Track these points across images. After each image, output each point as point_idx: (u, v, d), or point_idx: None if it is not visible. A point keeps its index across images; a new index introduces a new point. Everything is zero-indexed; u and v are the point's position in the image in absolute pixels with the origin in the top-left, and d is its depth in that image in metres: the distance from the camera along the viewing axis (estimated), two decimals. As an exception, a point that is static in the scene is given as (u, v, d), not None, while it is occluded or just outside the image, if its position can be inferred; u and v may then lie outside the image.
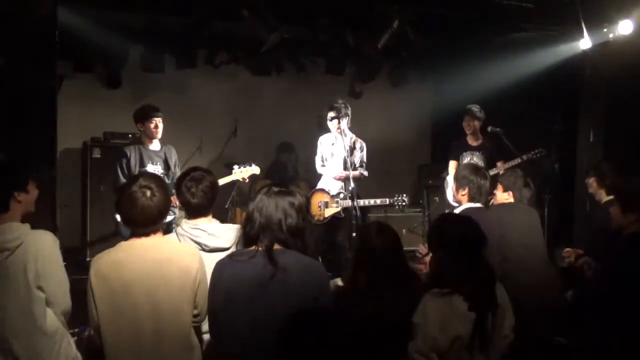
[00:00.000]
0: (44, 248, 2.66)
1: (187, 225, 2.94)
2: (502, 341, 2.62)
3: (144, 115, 4.99)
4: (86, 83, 6.82)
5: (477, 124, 5.83)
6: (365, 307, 2.44)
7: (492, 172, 5.65)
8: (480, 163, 5.84)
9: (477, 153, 5.91)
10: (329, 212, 5.56)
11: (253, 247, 2.39)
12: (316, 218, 5.55)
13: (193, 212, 2.99)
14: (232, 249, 2.84)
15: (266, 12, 5.90)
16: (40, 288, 2.65)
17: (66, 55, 6.03)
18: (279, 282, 2.29)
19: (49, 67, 4.57)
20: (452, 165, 5.96)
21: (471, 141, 5.96)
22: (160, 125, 5.03)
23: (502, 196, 4.17)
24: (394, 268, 2.52)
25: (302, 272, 2.32)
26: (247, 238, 2.43)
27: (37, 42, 4.39)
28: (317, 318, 2.17)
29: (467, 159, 5.94)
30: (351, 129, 5.51)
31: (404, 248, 2.72)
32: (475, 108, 5.87)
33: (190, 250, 2.63)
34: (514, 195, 4.12)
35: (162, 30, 6.64)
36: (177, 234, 2.95)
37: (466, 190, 3.82)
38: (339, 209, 5.59)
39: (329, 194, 5.59)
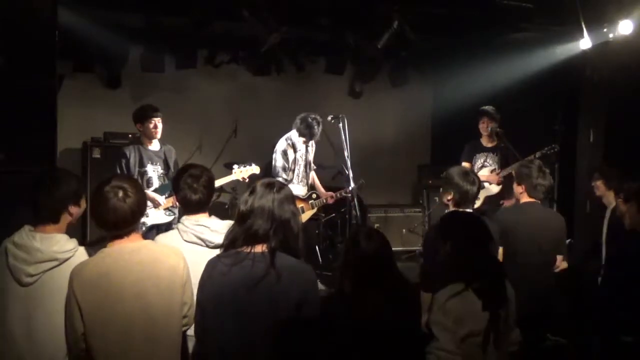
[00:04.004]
0: None
1: (190, 222, 2.92)
2: (511, 336, 2.65)
3: (143, 116, 4.99)
4: (86, 83, 6.82)
5: (495, 125, 5.82)
6: (350, 313, 2.40)
7: (506, 171, 5.68)
8: (494, 164, 5.87)
9: (491, 154, 5.91)
10: (305, 216, 5.64)
11: (244, 248, 2.34)
12: None
13: (193, 208, 2.97)
14: None
15: (266, 12, 5.90)
16: None
17: (66, 55, 6.02)
18: (267, 287, 2.26)
19: (49, 67, 4.56)
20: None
21: (486, 142, 5.96)
22: (160, 126, 5.02)
23: (517, 189, 4.03)
24: (382, 273, 2.48)
25: (290, 276, 2.28)
26: (249, 235, 2.36)
27: (37, 42, 4.38)
28: (299, 330, 2.19)
29: (480, 160, 5.94)
30: (351, 129, 5.49)
31: (404, 248, 2.72)
32: (491, 110, 5.86)
33: (174, 250, 2.59)
34: (526, 189, 3.97)
35: (162, 30, 6.64)
36: (178, 230, 2.93)
37: (452, 195, 3.70)
38: (314, 210, 5.76)
39: (301, 199, 5.64)
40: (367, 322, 2.35)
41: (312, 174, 5.94)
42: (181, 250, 2.64)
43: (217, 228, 2.91)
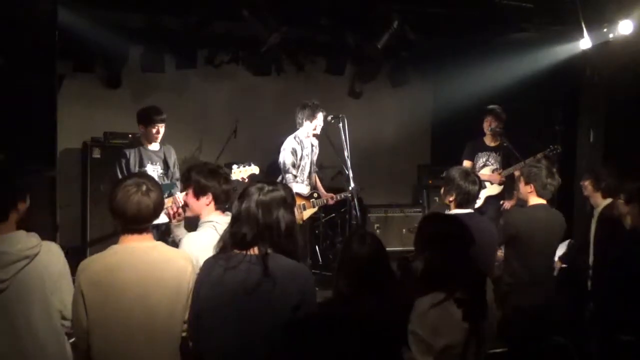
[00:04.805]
0: (58, 257, 2.60)
1: (225, 219, 2.87)
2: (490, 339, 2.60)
3: (147, 119, 4.98)
4: (86, 83, 6.82)
5: (499, 124, 5.80)
6: (347, 315, 2.38)
7: (507, 172, 5.70)
8: (496, 164, 5.86)
9: (494, 154, 5.89)
10: (307, 214, 5.67)
11: (239, 251, 2.33)
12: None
13: (227, 202, 2.96)
14: None
15: (266, 12, 5.90)
16: (55, 298, 2.59)
17: (66, 55, 6.02)
18: (265, 290, 2.25)
19: (49, 67, 4.57)
20: (466, 165, 5.82)
21: (489, 142, 5.94)
22: (162, 131, 5.04)
23: (525, 189, 4.01)
24: (376, 276, 2.46)
25: (286, 279, 2.27)
26: (236, 240, 2.34)
27: (37, 42, 4.39)
28: (298, 331, 2.19)
29: (482, 159, 5.93)
30: (351, 129, 5.51)
31: (404, 248, 2.70)
32: (498, 109, 5.85)
33: (183, 254, 2.59)
34: (535, 189, 3.95)
35: (162, 30, 6.64)
36: (215, 228, 2.88)
37: (454, 196, 3.70)
38: (316, 209, 5.79)
39: (303, 196, 5.67)
40: (364, 323, 2.34)
41: (315, 176, 5.96)
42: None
43: None
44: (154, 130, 4.97)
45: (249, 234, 2.31)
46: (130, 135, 6.14)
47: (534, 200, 3.97)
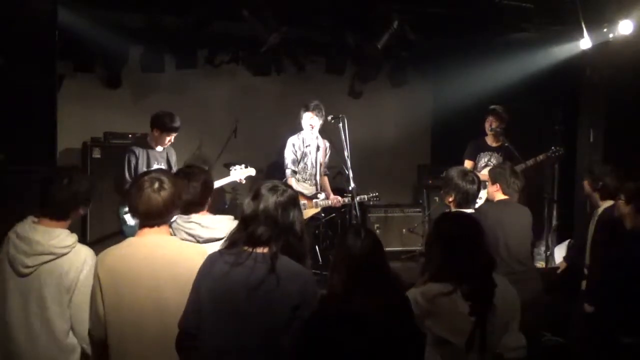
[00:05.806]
0: (82, 265, 2.63)
1: (181, 220, 2.98)
2: (507, 341, 2.64)
3: (165, 127, 5.00)
4: (86, 83, 6.82)
5: (500, 125, 5.80)
6: (341, 312, 2.37)
7: None
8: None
9: (496, 154, 5.88)
10: (307, 213, 5.68)
11: (246, 248, 2.34)
12: None
13: (184, 208, 2.99)
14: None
15: (266, 12, 5.90)
16: (69, 303, 2.62)
17: (66, 55, 6.03)
18: (267, 290, 2.26)
19: (49, 67, 4.58)
20: (468, 165, 5.83)
21: (491, 142, 5.93)
22: (173, 140, 5.08)
23: (492, 188, 4.27)
24: (372, 273, 2.44)
25: (289, 280, 2.29)
26: (251, 239, 2.35)
27: (37, 42, 4.39)
28: (294, 332, 2.21)
29: (484, 159, 5.92)
30: (351, 129, 5.51)
31: (404, 248, 2.71)
32: (500, 109, 5.84)
33: (199, 250, 2.62)
34: (501, 187, 4.19)
35: (162, 30, 6.63)
36: (172, 228, 2.95)
37: (453, 197, 3.74)
38: (317, 210, 5.81)
39: (305, 196, 5.68)
40: (362, 323, 2.34)
41: (325, 180, 5.99)
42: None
43: (208, 223, 2.97)
44: (167, 139, 5.04)
45: (265, 234, 2.33)
46: (130, 135, 6.14)
47: (500, 197, 4.22)
